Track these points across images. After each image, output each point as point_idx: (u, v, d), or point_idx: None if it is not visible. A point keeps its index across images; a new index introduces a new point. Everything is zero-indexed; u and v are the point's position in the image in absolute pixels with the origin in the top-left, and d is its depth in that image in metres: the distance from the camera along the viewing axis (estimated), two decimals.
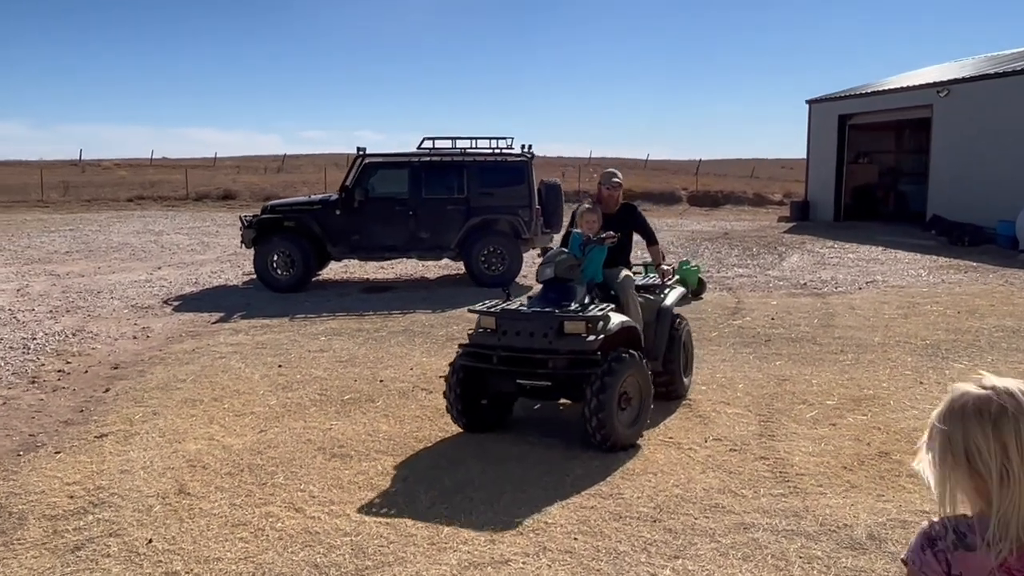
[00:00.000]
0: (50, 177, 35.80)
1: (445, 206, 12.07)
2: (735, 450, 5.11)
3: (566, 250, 5.60)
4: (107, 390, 6.75)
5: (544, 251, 5.75)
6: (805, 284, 12.16)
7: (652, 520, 4.11)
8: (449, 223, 12.04)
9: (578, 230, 5.76)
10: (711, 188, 34.14)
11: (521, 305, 5.38)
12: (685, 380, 6.24)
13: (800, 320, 9.30)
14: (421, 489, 4.50)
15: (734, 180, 38.68)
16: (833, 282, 12.31)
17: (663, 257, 6.34)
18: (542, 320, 5.06)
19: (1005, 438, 1.30)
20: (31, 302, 10.88)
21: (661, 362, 5.86)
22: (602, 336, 4.98)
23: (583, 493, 4.44)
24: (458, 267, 12.96)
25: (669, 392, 6.00)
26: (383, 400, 6.30)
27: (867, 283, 12.17)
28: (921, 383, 6.59)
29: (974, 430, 1.31)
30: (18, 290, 11.85)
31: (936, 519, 1.40)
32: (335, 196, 12.13)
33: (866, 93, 23.95)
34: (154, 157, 51.19)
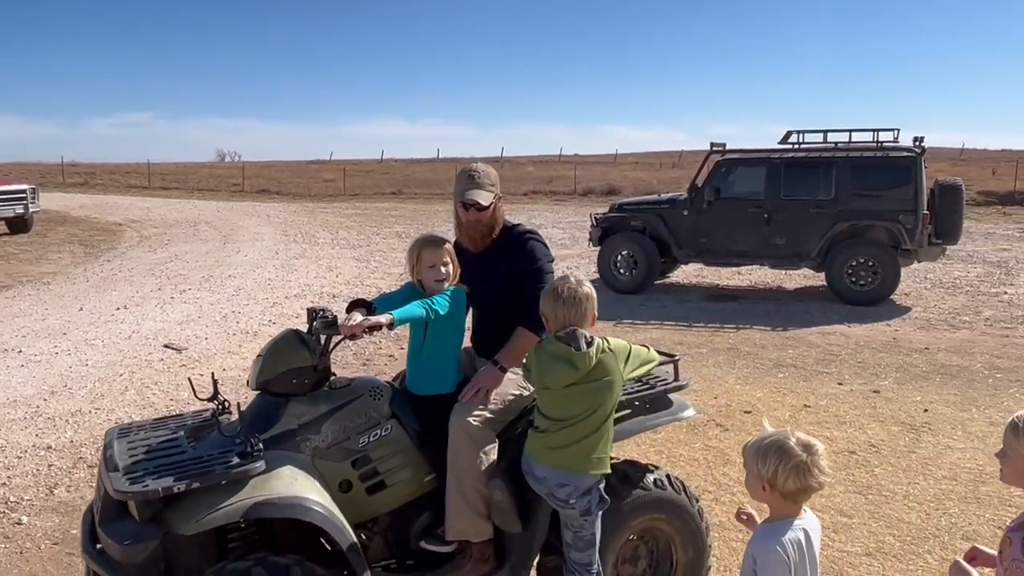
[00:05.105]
0: None
1: (807, 209, 10.60)
2: None
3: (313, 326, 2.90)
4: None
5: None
6: None
7: None
8: (810, 228, 10.55)
9: (413, 279, 3.13)
10: None
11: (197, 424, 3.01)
12: None
13: None
14: None
15: None
16: None
17: (520, 356, 3.04)
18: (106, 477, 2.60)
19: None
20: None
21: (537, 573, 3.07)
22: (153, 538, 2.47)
23: None
24: (820, 279, 11.34)
25: None
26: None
27: None
28: None
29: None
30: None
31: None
32: (684, 195, 11.42)
33: None
34: (563, 154, 55.31)
